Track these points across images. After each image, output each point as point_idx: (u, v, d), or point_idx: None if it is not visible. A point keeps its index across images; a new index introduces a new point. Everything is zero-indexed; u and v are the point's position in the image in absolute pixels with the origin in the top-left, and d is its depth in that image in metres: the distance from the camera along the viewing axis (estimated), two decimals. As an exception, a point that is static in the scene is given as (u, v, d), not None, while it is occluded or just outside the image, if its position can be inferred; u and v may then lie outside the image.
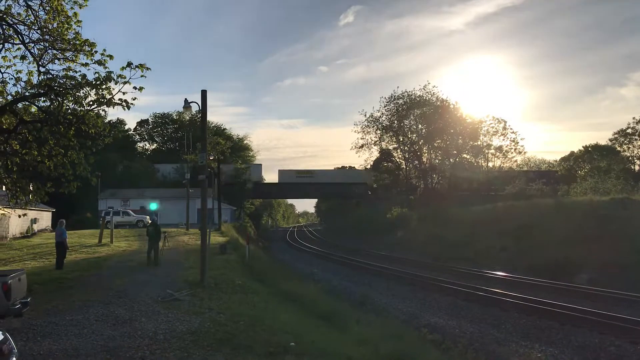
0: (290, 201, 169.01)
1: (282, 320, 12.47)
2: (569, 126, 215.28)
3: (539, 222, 34.03)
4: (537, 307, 17.06)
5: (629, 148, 73.50)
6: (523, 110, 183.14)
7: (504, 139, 65.17)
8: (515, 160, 67.39)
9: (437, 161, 67.64)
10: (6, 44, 15.98)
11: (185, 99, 19.37)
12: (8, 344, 5.87)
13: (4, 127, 16.08)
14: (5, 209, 22.54)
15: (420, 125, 67.87)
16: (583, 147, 79.17)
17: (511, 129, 65.18)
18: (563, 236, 29.93)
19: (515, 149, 64.94)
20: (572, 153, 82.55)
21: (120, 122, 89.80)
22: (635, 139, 72.19)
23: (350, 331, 12.61)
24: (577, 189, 44.76)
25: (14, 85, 16.43)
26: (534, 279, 23.60)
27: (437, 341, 13.04)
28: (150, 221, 26.36)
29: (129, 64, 15.34)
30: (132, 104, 15.92)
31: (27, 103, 16.84)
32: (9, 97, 16.42)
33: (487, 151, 66.25)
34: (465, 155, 67.67)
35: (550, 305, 16.93)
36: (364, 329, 12.92)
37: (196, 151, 43.40)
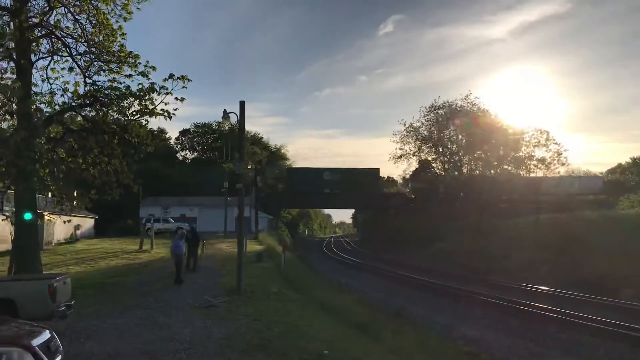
0: (327, 211, 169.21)
1: (316, 328, 12.52)
2: (615, 137, 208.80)
3: (583, 236, 33.13)
4: (578, 322, 16.60)
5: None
6: (567, 121, 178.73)
7: (546, 150, 63.69)
8: (559, 172, 65.80)
9: (477, 172, 66.60)
10: (55, 56, 16.72)
11: (224, 109, 19.74)
12: (55, 342, 6.13)
13: (52, 135, 16.76)
14: (52, 215, 23.37)
15: (460, 136, 67.09)
16: (631, 158, 76.81)
17: (554, 139, 63.65)
18: (608, 250, 29.02)
19: (558, 160, 63.36)
20: (619, 165, 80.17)
21: (161, 131, 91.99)
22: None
23: (385, 341, 12.55)
24: (624, 202, 43.39)
25: (62, 95, 17.14)
26: (576, 294, 22.96)
27: (473, 353, 12.86)
28: (190, 228, 27.01)
29: (171, 76, 15.81)
30: (173, 114, 16.40)
31: (73, 113, 17.49)
32: (57, 107, 17.12)
33: (529, 162, 64.87)
34: (506, 167, 66.42)
35: (591, 320, 16.45)
36: (398, 339, 12.84)
37: (234, 160, 44.21)
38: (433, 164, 69.53)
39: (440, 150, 68.34)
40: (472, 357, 12.61)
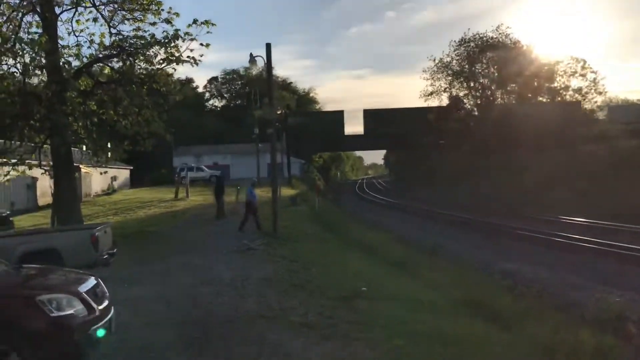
0: (358, 153, 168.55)
1: (353, 267, 12.67)
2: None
3: (623, 166, 32.33)
4: (617, 251, 16.41)
5: None
6: (604, 48, 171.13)
7: (582, 79, 61.41)
8: (596, 102, 63.60)
9: (511, 106, 64.89)
10: (79, 8, 16.61)
11: (250, 53, 19.49)
12: (101, 288, 6.33)
13: (82, 88, 16.87)
14: (89, 167, 23.87)
15: (492, 69, 65.06)
16: (671, 84, 73.63)
17: (591, 67, 61.18)
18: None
19: (595, 89, 61.11)
20: (658, 91, 77.03)
21: (189, 81, 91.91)
22: None
23: (422, 278, 12.64)
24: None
25: (88, 47, 17.15)
26: (615, 224, 22.60)
27: (510, 286, 12.84)
28: (217, 176, 27.33)
29: (195, 21, 15.64)
30: (199, 60, 16.30)
31: (101, 65, 17.52)
32: (84, 60, 17.16)
33: (564, 93, 62.84)
34: (541, 99, 64.53)
35: (631, 250, 16.23)
36: (435, 275, 12.91)
37: (263, 106, 44.12)
38: (465, 100, 67.93)
39: (472, 85, 66.59)
40: (509, 289, 12.60)
